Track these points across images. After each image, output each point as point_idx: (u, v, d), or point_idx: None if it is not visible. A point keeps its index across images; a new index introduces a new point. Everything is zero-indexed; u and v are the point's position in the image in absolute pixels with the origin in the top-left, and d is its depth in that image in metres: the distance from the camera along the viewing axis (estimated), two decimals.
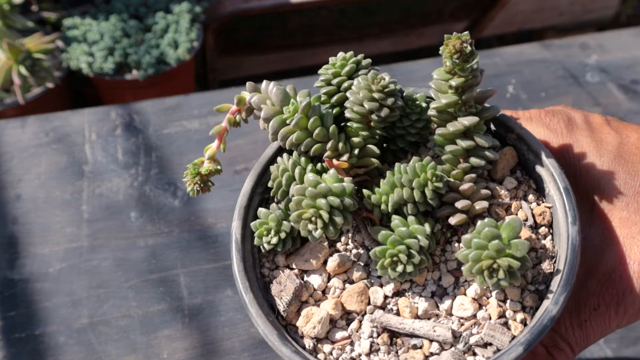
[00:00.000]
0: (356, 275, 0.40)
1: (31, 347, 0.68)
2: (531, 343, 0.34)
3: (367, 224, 0.40)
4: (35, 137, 0.90)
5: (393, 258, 0.36)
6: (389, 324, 0.37)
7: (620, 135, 0.42)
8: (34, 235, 0.78)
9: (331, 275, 0.40)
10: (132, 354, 0.67)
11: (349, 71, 0.41)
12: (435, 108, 0.39)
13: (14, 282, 0.73)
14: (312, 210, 0.36)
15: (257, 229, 0.40)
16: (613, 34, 1.12)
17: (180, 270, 0.74)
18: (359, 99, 0.38)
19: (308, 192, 0.36)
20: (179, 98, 0.97)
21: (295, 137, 0.39)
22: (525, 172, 0.43)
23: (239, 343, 0.68)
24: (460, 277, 0.39)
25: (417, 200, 0.37)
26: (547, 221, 0.40)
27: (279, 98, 0.39)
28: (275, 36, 1.88)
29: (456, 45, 0.35)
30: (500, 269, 0.34)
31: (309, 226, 0.37)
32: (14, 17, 1.36)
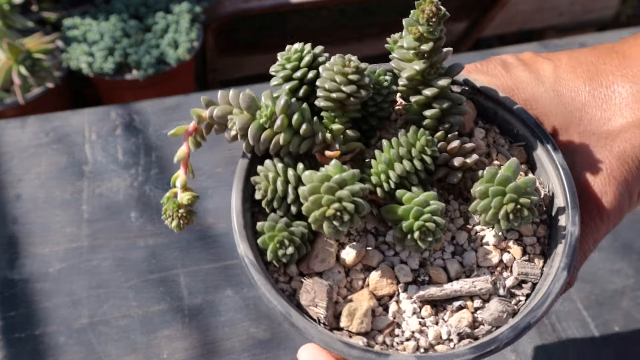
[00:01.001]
0: (375, 260, 0.39)
1: (31, 347, 0.68)
2: (570, 265, 0.36)
3: (372, 206, 0.39)
4: (35, 137, 0.90)
5: (422, 229, 0.36)
6: (430, 295, 0.37)
7: (552, 61, 0.45)
8: (34, 235, 0.78)
9: (348, 268, 0.39)
10: (132, 354, 0.67)
11: (308, 62, 0.40)
12: (407, 77, 0.39)
13: (14, 282, 0.73)
14: (335, 204, 0.35)
15: (268, 244, 0.38)
16: (613, 34, 1.12)
17: (180, 270, 0.74)
18: (335, 86, 0.37)
19: (324, 187, 0.35)
20: (179, 98, 0.97)
21: (281, 138, 0.37)
22: (487, 121, 0.44)
23: (239, 343, 0.68)
24: (471, 231, 0.39)
25: (419, 169, 0.37)
26: (525, 158, 0.42)
27: (248, 104, 0.38)
28: (275, 36, 1.88)
29: (432, 8, 0.35)
30: (524, 208, 0.35)
31: (335, 222, 0.35)
32: (14, 17, 1.36)
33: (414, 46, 0.37)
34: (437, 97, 0.39)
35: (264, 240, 0.38)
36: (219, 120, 0.39)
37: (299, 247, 0.38)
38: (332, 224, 0.35)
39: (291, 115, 0.37)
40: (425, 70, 0.38)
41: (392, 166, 0.38)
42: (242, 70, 1.87)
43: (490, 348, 0.34)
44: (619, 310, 0.72)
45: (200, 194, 0.88)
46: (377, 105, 0.41)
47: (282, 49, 0.43)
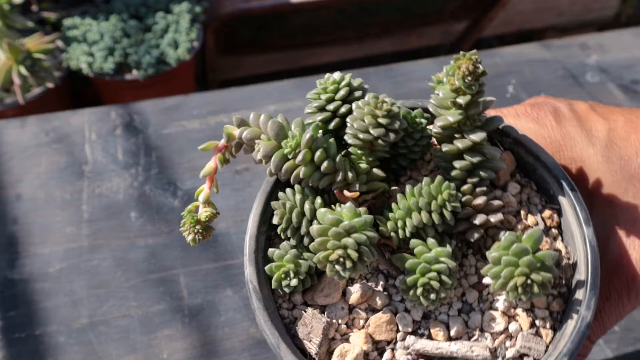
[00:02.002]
0: (379, 303, 0.38)
1: (31, 347, 0.68)
2: (573, 352, 0.34)
3: (385, 250, 0.39)
4: (35, 137, 0.90)
5: (425, 287, 0.35)
6: (425, 350, 0.36)
7: (607, 121, 0.43)
8: (33, 235, 0.78)
9: (352, 306, 0.38)
10: (132, 354, 0.67)
11: (343, 95, 0.39)
12: (441, 126, 0.38)
13: (14, 282, 0.73)
14: (339, 251, 0.34)
15: (274, 273, 0.38)
16: (613, 33, 1.12)
17: (180, 270, 0.74)
18: (364, 126, 0.36)
19: (332, 232, 0.35)
20: (179, 98, 0.97)
21: (302, 172, 0.37)
22: (525, 175, 0.42)
23: (239, 343, 0.68)
24: (484, 291, 0.38)
25: (436, 223, 0.36)
26: (556, 222, 0.40)
27: (275, 132, 0.38)
28: (275, 36, 1.88)
29: (469, 67, 0.34)
30: (534, 284, 0.34)
31: (337, 267, 0.35)
32: (14, 17, 1.36)
33: (450, 97, 0.37)
34: (470, 149, 0.38)
35: (271, 269, 0.38)
36: (248, 142, 0.39)
37: (303, 280, 0.38)
38: (334, 269, 0.35)
39: (315, 150, 0.37)
40: (460, 121, 0.37)
41: (409, 215, 0.37)
42: (242, 70, 1.87)
43: None
44: None
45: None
46: (408, 148, 0.40)
47: (282, 48, 0.42)
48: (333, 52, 1.91)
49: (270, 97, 0.96)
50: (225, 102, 0.96)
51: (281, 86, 0.98)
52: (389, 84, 0.95)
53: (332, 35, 1.91)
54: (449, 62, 0.37)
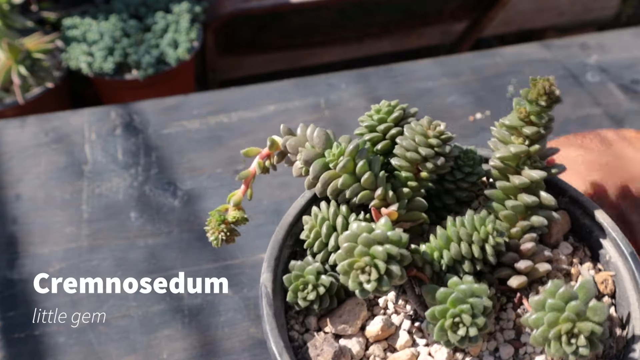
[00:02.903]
0: (400, 343, 0.35)
1: (31, 347, 0.68)
2: None
3: (415, 284, 0.36)
4: (35, 137, 0.90)
5: (455, 319, 0.31)
6: None
7: None
8: (33, 235, 0.78)
9: (370, 341, 0.35)
10: (131, 354, 0.67)
11: (396, 117, 0.38)
12: (500, 158, 0.35)
13: (14, 282, 0.73)
14: (366, 258, 0.32)
15: (292, 283, 0.35)
16: (613, 33, 1.12)
17: (180, 270, 0.74)
18: (413, 145, 0.35)
19: (362, 238, 0.32)
20: (179, 98, 0.97)
21: (341, 181, 0.35)
22: (579, 239, 0.39)
23: (238, 343, 0.68)
24: (520, 349, 0.35)
25: (476, 257, 0.33)
26: (610, 290, 0.37)
27: (322, 141, 0.36)
28: (275, 36, 1.88)
29: (546, 86, 0.32)
30: (580, 335, 0.30)
31: (361, 277, 0.32)
32: (13, 17, 1.36)
33: (516, 125, 0.34)
34: (527, 189, 0.35)
35: (289, 279, 0.36)
36: (292, 150, 0.37)
37: (322, 297, 0.35)
38: (358, 279, 0.32)
39: (358, 161, 0.35)
40: (520, 154, 0.34)
41: (448, 246, 0.34)
42: (242, 70, 1.87)
43: None
44: None
45: (200, 193, 0.88)
46: (456, 183, 0.37)
47: (282, 48, 0.42)
48: (333, 52, 1.91)
49: (270, 97, 0.96)
50: (225, 102, 0.96)
51: (281, 86, 0.98)
52: (389, 84, 0.95)
53: (332, 35, 1.91)
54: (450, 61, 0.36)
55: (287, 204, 0.81)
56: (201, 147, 0.89)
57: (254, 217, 0.79)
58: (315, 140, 0.36)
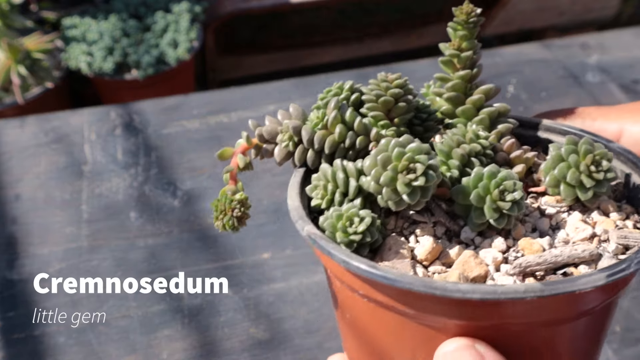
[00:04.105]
0: (453, 253, 0.34)
1: (31, 347, 0.68)
2: None
3: (437, 202, 0.36)
4: (35, 137, 0.90)
5: (500, 189, 0.33)
6: (528, 263, 0.32)
7: None
8: (33, 236, 0.78)
9: (426, 264, 0.34)
10: (131, 354, 0.67)
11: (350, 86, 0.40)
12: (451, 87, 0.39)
13: (13, 282, 0.73)
14: (407, 156, 0.32)
15: (336, 224, 0.33)
16: (614, 33, 1.12)
17: (180, 270, 0.74)
18: (381, 92, 0.38)
19: (393, 144, 0.32)
20: (179, 98, 0.97)
21: (338, 132, 0.36)
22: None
23: (238, 343, 0.68)
24: (552, 220, 0.36)
25: (478, 152, 0.36)
26: None
27: (299, 113, 0.38)
28: (275, 36, 1.88)
29: (467, 7, 0.36)
30: (602, 160, 0.34)
31: (408, 177, 0.31)
32: (13, 17, 1.36)
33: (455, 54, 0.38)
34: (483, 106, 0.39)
35: (332, 223, 0.33)
36: (269, 137, 0.38)
37: (369, 230, 0.33)
38: (406, 179, 0.31)
39: (344, 112, 0.37)
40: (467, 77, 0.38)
41: (450, 155, 0.36)
42: (242, 70, 1.87)
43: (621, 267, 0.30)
44: (619, 310, 0.72)
45: (200, 194, 0.88)
46: (424, 125, 0.40)
47: (282, 48, 0.43)
48: (333, 52, 1.91)
49: (270, 97, 0.96)
50: (225, 102, 0.96)
51: (281, 86, 0.98)
52: None
53: (332, 35, 1.91)
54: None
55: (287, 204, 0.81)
56: (201, 147, 0.89)
57: (254, 217, 0.79)
58: (294, 114, 0.38)
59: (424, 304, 0.31)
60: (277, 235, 0.77)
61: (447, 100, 0.40)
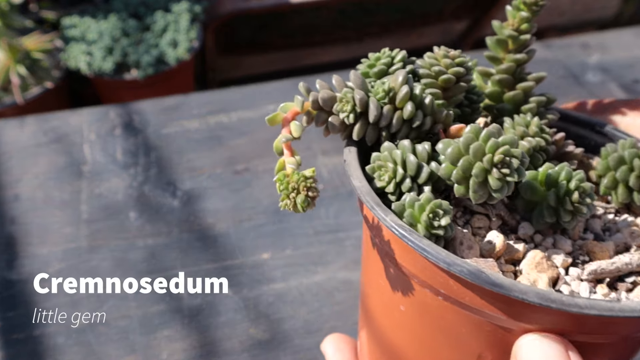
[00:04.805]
0: (520, 252, 0.33)
1: (30, 347, 0.68)
2: None
3: None
4: (34, 137, 0.90)
5: (579, 189, 0.32)
6: (602, 269, 0.32)
7: None
8: (32, 236, 0.77)
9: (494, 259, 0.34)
10: (131, 355, 0.67)
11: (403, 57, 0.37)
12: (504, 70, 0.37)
13: (13, 282, 0.73)
14: (502, 148, 0.30)
15: (418, 216, 0.31)
16: (614, 33, 1.12)
17: (180, 270, 0.74)
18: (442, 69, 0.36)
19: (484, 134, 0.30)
20: (179, 98, 0.96)
21: (407, 112, 0.33)
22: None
23: (238, 344, 0.68)
24: (602, 219, 0.36)
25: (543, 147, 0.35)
26: None
27: (360, 81, 0.34)
28: (275, 36, 1.88)
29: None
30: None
31: (504, 170, 0.29)
32: (13, 17, 1.36)
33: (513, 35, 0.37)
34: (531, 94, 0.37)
35: (412, 214, 0.31)
36: (324, 104, 0.34)
37: (450, 224, 0.32)
38: (500, 174, 0.29)
39: (412, 89, 0.34)
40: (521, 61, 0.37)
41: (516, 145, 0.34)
42: (242, 69, 1.87)
43: None
44: None
45: (200, 194, 0.88)
46: (472, 106, 0.38)
47: (282, 48, 0.41)
48: (333, 52, 1.90)
49: (270, 96, 0.96)
50: (225, 102, 0.96)
51: (281, 86, 0.98)
52: None
53: (332, 35, 1.91)
54: None
55: None
56: (201, 147, 0.89)
57: (254, 217, 0.79)
58: (355, 83, 0.34)
59: (521, 311, 0.29)
60: (277, 236, 0.77)
61: (496, 82, 0.37)
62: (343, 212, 0.79)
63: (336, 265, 0.74)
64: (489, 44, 0.38)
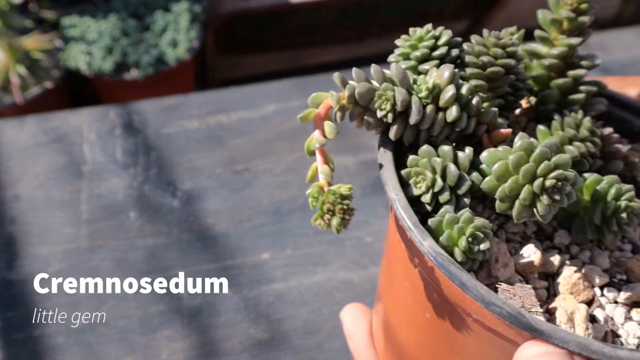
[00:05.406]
0: (554, 266, 0.31)
1: (30, 347, 0.67)
2: None
3: None
4: (34, 137, 0.90)
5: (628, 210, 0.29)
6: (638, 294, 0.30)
7: None
8: (32, 236, 0.77)
9: (526, 276, 0.32)
10: (131, 355, 0.67)
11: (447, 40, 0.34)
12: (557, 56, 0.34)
13: (13, 282, 0.73)
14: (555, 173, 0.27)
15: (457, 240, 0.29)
16: (614, 33, 1.12)
17: (180, 270, 0.74)
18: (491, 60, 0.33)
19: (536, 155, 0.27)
20: (178, 98, 0.96)
21: (452, 114, 0.30)
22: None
23: (238, 344, 0.68)
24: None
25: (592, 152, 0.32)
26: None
27: (402, 77, 0.31)
28: (275, 36, 1.88)
29: None
30: None
31: (556, 196, 0.27)
32: (12, 17, 1.36)
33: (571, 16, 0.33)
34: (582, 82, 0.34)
35: (450, 237, 0.30)
36: (361, 100, 0.32)
37: (490, 247, 0.30)
38: (550, 200, 0.27)
39: (459, 88, 0.31)
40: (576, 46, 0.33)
41: (562, 151, 0.31)
42: (242, 69, 1.87)
43: None
44: None
45: (200, 194, 0.88)
46: (516, 93, 0.35)
47: (282, 48, 0.38)
48: (333, 52, 1.90)
49: (270, 96, 0.96)
50: (225, 102, 0.96)
51: (281, 86, 0.98)
52: None
53: (332, 35, 1.91)
54: None
55: (288, 204, 0.81)
56: (201, 147, 0.89)
57: (254, 217, 0.79)
58: (397, 78, 0.31)
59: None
60: (277, 236, 0.77)
61: (546, 67, 0.35)
62: None
63: (336, 265, 0.74)
64: (541, 20, 0.35)
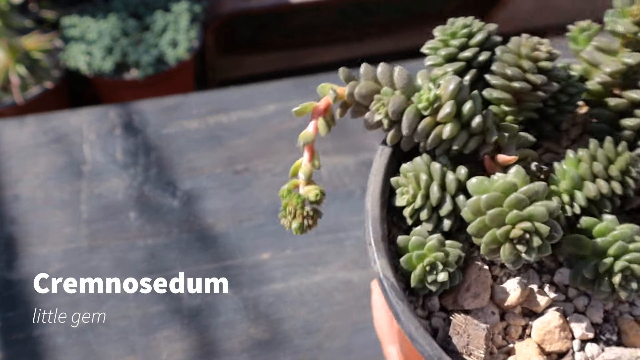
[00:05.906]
0: (540, 305, 0.29)
1: (30, 348, 0.67)
2: None
3: None
4: (34, 137, 0.90)
5: (624, 272, 0.27)
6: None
7: None
8: (32, 236, 0.77)
9: (505, 310, 0.30)
10: (131, 355, 0.67)
11: (481, 40, 0.31)
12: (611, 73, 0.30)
13: (12, 282, 0.73)
14: (525, 224, 0.26)
15: (415, 266, 0.29)
16: None
17: (180, 270, 0.74)
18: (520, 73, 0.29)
19: (511, 200, 0.26)
20: (178, 98, 0.96)
21: (447, 131, 0.28)
22: None
23: (238, 344, 0.68)
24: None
25: (617, 194, 0.29)
26: None
27: (404, 83, 0.30)
28: (275, 36, 1.88)
29: None
30: None
31: (520, 247, 0.26)
32: (12, 17, 1.36)
33: (633, 31, 0.29)
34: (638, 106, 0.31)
35: (409, 260, 0.29)
36: (362, 99, 0.31)
37: (452, 275, 0.29)
38: (515, 250, 0.26)
39: (461, 103, 0.29)
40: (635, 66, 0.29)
41: (581, 185, 0.28)
42: (242, 69, 1.87)
43: None
44: None
45: (200, 194, 0.88)
46: (558, 107, 0.32)
47: (282, 48, 0.37)
48: (333, 51, 1.90)
49: (270, 96, 0.96)
50: (225, 102, 0.96)
51: (281, 86, 0.98)
52: None
53: (332, 35, 1.91)
54: None
55: None
56: (201, 147, 0.89)
57: (254, 217, 0.79)
58: (399, 83, 0.30)
59: None
60: (276, 236, 0.77)
61: (602, 83, 0.31)
62: (343, 212, 0.79)
63: (336, 266, 0.74)
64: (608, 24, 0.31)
